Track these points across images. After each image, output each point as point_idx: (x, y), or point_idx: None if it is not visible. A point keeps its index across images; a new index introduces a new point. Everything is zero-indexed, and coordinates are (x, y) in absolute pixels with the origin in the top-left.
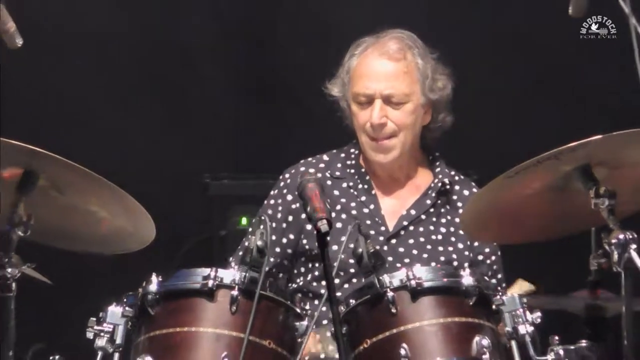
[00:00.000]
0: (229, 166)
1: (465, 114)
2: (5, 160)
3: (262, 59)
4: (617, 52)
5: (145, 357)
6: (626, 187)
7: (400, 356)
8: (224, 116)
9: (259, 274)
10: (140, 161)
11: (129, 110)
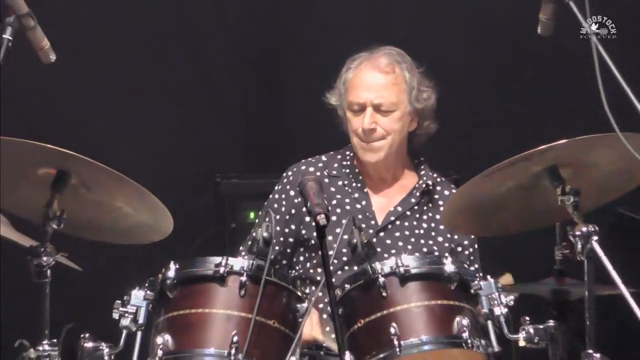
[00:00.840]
0: (238, 167)
1: (447, 120)
2: (42, 162)
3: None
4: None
5: (165, 335)
6: (589, 185)
7: (390, 334)
8: (232, 123)
9: (265, 262)
10: (160, 163)
11: (150, 118)
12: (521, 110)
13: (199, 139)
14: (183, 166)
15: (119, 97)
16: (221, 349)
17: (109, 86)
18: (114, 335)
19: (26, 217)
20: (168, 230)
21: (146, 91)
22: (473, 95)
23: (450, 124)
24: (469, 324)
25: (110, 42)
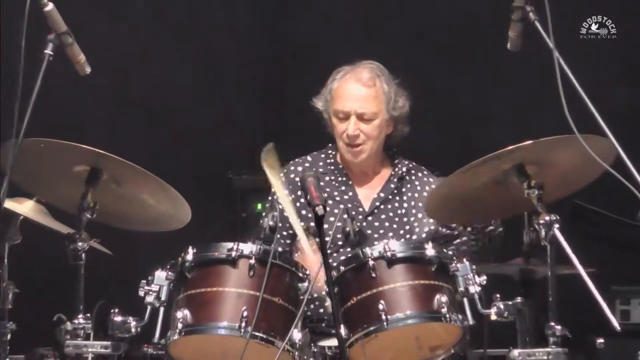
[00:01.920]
0: (247, 165)
1: (430, 124)
2: (78, 160)
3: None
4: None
5: (184, 310)
6: (551, 181)
7: (379, 310)
8: (243, 127)
9: (271, 247)
10: (180, 162)
11: (172, 123)
12: (493, 116)
13: (214, 141)
14: (200, 164)
15: (144, 103)
16: (233, 322)
17: (134, 93)
18: (139, 310)
19: (64, 208)
20: (186, 220)
21: (168, 98)
22: (454, 104)
23: (433, 128)
24: (448, 301)
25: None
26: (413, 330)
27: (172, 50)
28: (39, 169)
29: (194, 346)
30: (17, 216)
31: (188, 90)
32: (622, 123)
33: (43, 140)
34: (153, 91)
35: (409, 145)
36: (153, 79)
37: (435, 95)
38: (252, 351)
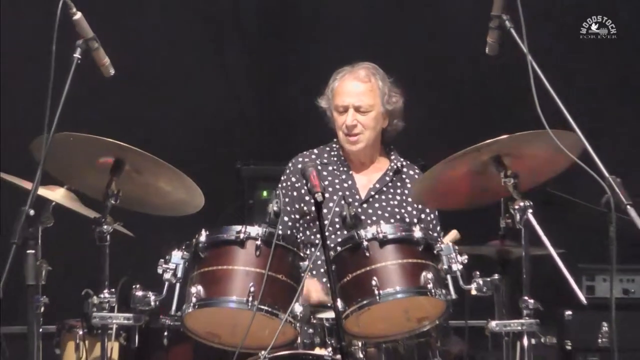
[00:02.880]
0: (255, 155)
1: (418, 120)
2: (103, 152)
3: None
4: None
5: (198, 286)
6: (525, 171)
7: (372, 285)
8: (250, 122)
9: (275, 230)
10: (194, 152)
11: (187, 118)
12: (473, 112)
13: (224, 135)
14: (212, 155)
15: (164, 100)
16: (241, 296)
17: (154, 92)
18: (158, 286)
19: (91, 195)
20: (200, 205)
21: (184, 97)
22: (439, 101)
23: (420, 123)
24: (433, 277)
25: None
26: (402, 304)
27: (184, 45)
28: (69, 160)
29: (206, 318)
30: (50, 202)
31: (202, 89)
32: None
33: (72, 135)
34: (169, 89)
35: (402, 137)
36: (166, 75)
37: (423, 94)
38: (258, 323)
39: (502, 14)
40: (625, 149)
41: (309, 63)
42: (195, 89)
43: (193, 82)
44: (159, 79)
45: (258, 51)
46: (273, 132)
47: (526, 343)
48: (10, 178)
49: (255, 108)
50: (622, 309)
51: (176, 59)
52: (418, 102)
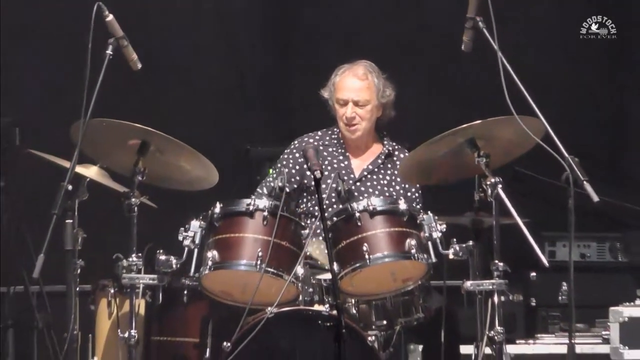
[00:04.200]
0: (262, 138)
1: (405, 108)
2: (131, 135)
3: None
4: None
5: (213, 251)
6: (495, 151)
7: (363, 251)
8: (260, 109)
9: (280, 203)
10: (210, 136)
11: (203, 104)
12: (452, 101)
13: (236, 120)
14: (225, 138)
15: (181, 90)
16: (250, 260)
17: (173, 82)
18: (178, 251)
19: (121, 172)
20: (215, 181)
21: (200, 87)
22: (419, 92)
23: (406, 111)
24: (416, 244)
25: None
26: (389, 267)
27: (196, 36)
28: (102, 142)
29: (220, 279)
30: (85, 178)
31: (216, 81)
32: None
33: (105, 120)
34: (187, 80)
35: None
36: (184, 67)
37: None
38: (265, 283)
39: (475, 16)
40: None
41: (312, 57)
42: (209, 80)
43: (208, 74)
44: (177, 70)
45: (266, 45)
46: (278, 118)
47: (496, 300)
48: (52, 158)
49: (263, 97)
50: (579, 270)
51: (191, 52)
52: (408, 93)
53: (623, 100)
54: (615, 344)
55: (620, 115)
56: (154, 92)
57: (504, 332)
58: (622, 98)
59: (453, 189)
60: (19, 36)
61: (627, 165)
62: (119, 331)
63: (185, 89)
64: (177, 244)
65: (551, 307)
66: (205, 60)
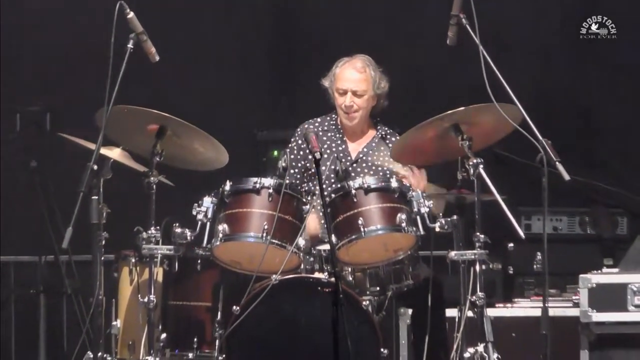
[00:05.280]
0: (269, 123)
1: (397, 97)
2: (150, 121)
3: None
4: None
5: (223, 224)
6: (477, 135)
7: (358, 224)
8: (265, 95)
9: (284, 181)
10: (220, 120)
11: (214, 91)
12: (437, 93)
13: (244, 106)
14: (234, 122)
15: (195, 79)
16: (257, 232)
17: (189, 73)
18: (193, 225)
19: (141, 154)
20: (225, 162)
21: (212, 77)
22: (410, 81)
23: (398, 99)
24: (406, 218)
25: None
26: (382, 239)
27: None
28: (124, 126)
29: (230, 249)
30: (109, 159)
31: (227, 71)
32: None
33: (126, 107)
34: (199, 71)
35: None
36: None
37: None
38: (271, 253)
39: (459, 13)
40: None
41: (315, 48)
42: (220, 70)
43: (218, 65)
44: (191, 62)
45: (272, 40)
46: (282, 106)
47: (478, 268)
48: (79, 140)
49: (269, 86)
50: (552, 242)
51: (203, 47)
52: (399, 83)
53: (592, 91)
54: (585, 307)
55: (589, 102)
56: (170, 81)
57: (484, 297)
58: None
59: (438, 168)
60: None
61: (594, 148)
62: (139, 296)
63: (198, 79)
64: (191, 218)
65: (527, 274)
66: (216, 52)
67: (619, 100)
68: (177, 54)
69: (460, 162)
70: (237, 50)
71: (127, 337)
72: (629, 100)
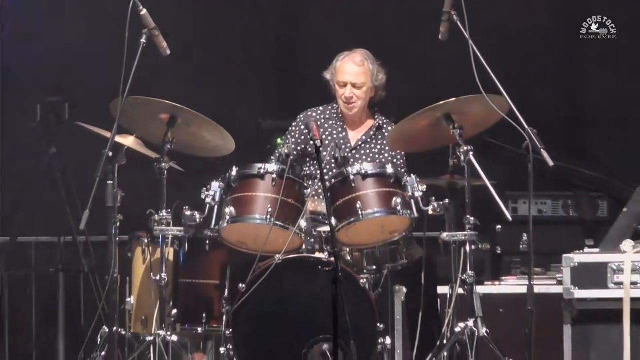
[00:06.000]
0: (272, 112)
1: (394, 88)
2: (162, 110)
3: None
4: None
5: (230, 207)
6: (468, 124)
7: (357, 208)
8: (271, 86)
9: (286, 167)
10: (226, 110)
11: (221, 83)
12: (430, 85)
13: (249, 96)
14: (240, 112)
15: (201, 71)
16: (262, 215)
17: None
18: (201, 208)
19: (153, 141)
20: (232, 149)
21: (219, 69)
22: (405, 75)
23: (395, 91)
24: (401, 202)
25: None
26: (379, 221)
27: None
28: (137, 116)
29: (236, 231)
30: (123, 146)
31: (234, 63)
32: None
33: (140, 98)
34: (207, 64)
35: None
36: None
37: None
38: (274, 234)
39: (450, 10)
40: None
41: (317, 39)
42: (228, 62)
43: (224, 56)
44: (199, 54)
45: (277, 42)
46: (285, 94)
47: (468, 249)
48: (95, 129)
49: (272, 78)
50: (537, 224)
51: (209, 38)
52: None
53: (577, 82)
54: (567, 285)
55: (574, 93)
56: (180, 74)
57: (474, 275)
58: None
59: (431, 155)
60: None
61: (578, 136)
62: (152, 274)
63: (207, 72)
64: (200, 201)
65: (514, 254)
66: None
67: (604, 92)
68: (185, 48)
69: (452, 150)
70: (243, 46)
71: (140, 313)
72: (613, 91)
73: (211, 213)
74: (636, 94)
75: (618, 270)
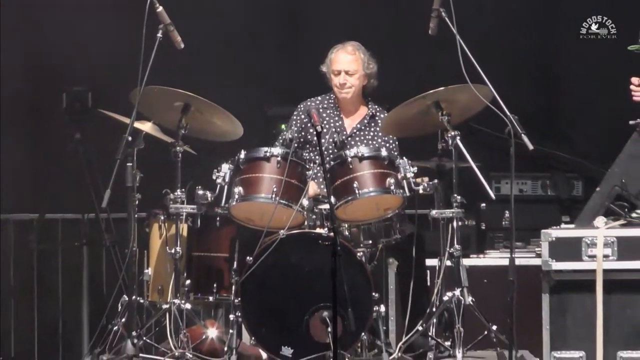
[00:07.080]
0: (278, 99)
1: (387, 80)
2: (176, 99)
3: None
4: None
5: (239, 187)
6: (455, 111)
7: (354, 187)
8: (276, 75)
9: (290, 150)
10: (235, 98)
11: (230, 73)
12: (420, 73)
13: (256, 85)
14: (248, 99)
15: (216, 62)
16: (267, 194)
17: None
18: (213, 187)
19: (169, 127)
20: (240, 134)
21: (230, 60)
22: (398, 65)
23: (388, 83)
24: (394, 182)
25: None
26: (374, 200)
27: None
28: (154, 103)
29: (244, 208)
30: (141, 132)
31: (240, 56)
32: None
33: (156, 87)
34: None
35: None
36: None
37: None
38: (279, 211)
39: (439, 7)
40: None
41: (317, 37)
42: (235, 55)
43: (234, 49)
44: (210, 47)
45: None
46: (289, 84)
47: (455, 225)
48: (116, 116)
49: (279, 67)
50: (518, 202)
51: (219, 32)
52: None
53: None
54: (546, 257)
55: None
56: (193, 65)
57: (460, 249)
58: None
59: (422, 140)
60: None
61: (556, 121)
62: (167, 248)
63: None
64: (211, 181)
65: (497, 229)
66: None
67: (581, 76)
68: (197, 39)
69: (441, 134)
70: (249, 34)
71: (157, 283)
72: (590, 75)
73: (221, 192)
74: (607, 84)
75: (591, 244)
